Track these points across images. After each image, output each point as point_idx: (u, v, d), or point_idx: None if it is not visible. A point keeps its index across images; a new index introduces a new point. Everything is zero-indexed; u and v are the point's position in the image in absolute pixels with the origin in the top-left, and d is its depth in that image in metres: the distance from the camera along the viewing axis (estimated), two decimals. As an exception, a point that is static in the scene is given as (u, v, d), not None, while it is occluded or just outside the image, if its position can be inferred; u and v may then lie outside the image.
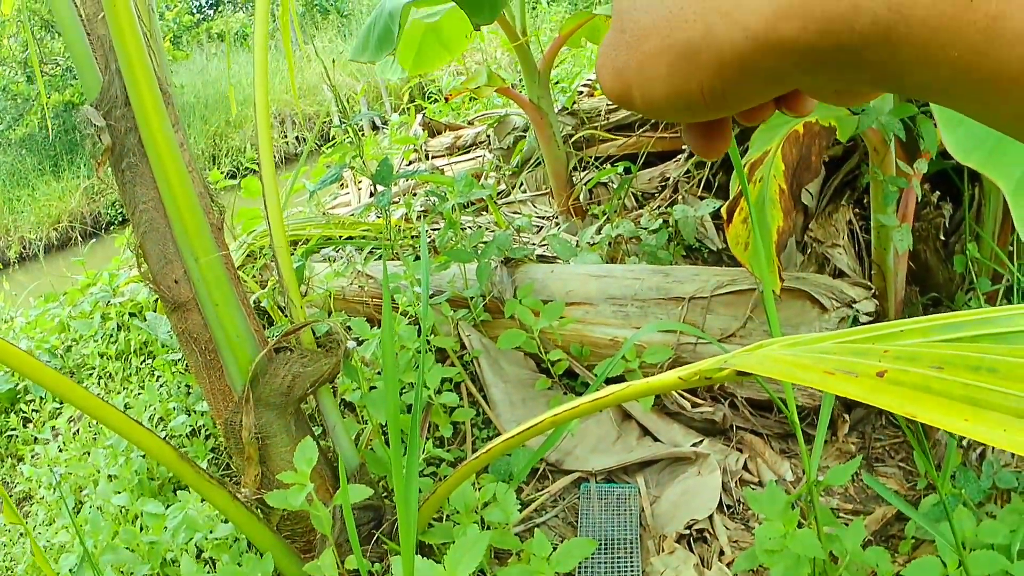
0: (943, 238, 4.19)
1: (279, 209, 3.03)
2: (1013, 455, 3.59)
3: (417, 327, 3.96)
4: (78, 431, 4.73)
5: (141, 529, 3.39)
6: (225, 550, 3.27)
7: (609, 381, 3.82)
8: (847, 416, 3.80)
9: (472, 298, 4.15)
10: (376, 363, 3.91)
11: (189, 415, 4.37)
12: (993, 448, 3.59)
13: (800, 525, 2.64)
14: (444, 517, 3.22)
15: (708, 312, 3.75)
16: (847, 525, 2.81)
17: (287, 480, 2.63)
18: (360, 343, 4.03)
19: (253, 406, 2.81)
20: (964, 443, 3.66)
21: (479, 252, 4.05)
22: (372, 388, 3.67)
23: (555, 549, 2.74)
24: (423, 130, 7.08)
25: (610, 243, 4.61)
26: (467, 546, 2.42)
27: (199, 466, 2.79)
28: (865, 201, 4.42)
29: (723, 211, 3.55)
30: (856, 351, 1.41)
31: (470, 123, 7.22)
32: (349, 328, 3.75)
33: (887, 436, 3.82)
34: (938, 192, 4.18)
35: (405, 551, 1.96)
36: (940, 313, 4.11)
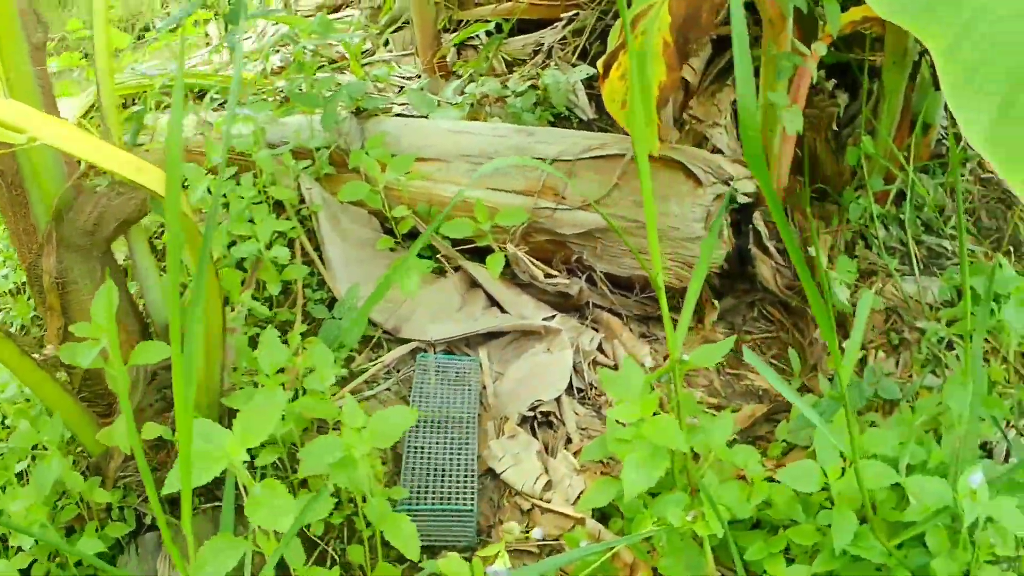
0: (836, 128, 3.93)
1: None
2: (897, 364, 3.38)
3: (253, 175, 3.58)
4: None
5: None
6: (26, 415, 2.88)
7: (456, 244, 3.51)
8: (716, 302, 3.53)
9: (317, 149, 3.77)
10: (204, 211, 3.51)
11: (16, 271, 3.89)
12: (876, 355, 3.36)
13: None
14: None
15: (572, 176, 3.42)
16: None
17: (82, 332, 2.30)
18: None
19: (55, 247, 2.50)
20: (844, 345, 3.43)
21: (329, 99, 3.67)
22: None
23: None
24: (295, -9, 6.63)
25: (473, 104, 4.26)
26: (259, 409, 2.14)
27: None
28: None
29: (599, 65, 3.22)
30: None
31: (343, -17, 6.79)
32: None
33: (759, 329, 3.57)
34: (834, 80, 3.90)
35: (179, 410, 1.60)
36: (823, 206, 3.91)
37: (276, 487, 2.05)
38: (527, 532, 2.59)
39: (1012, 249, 4.00)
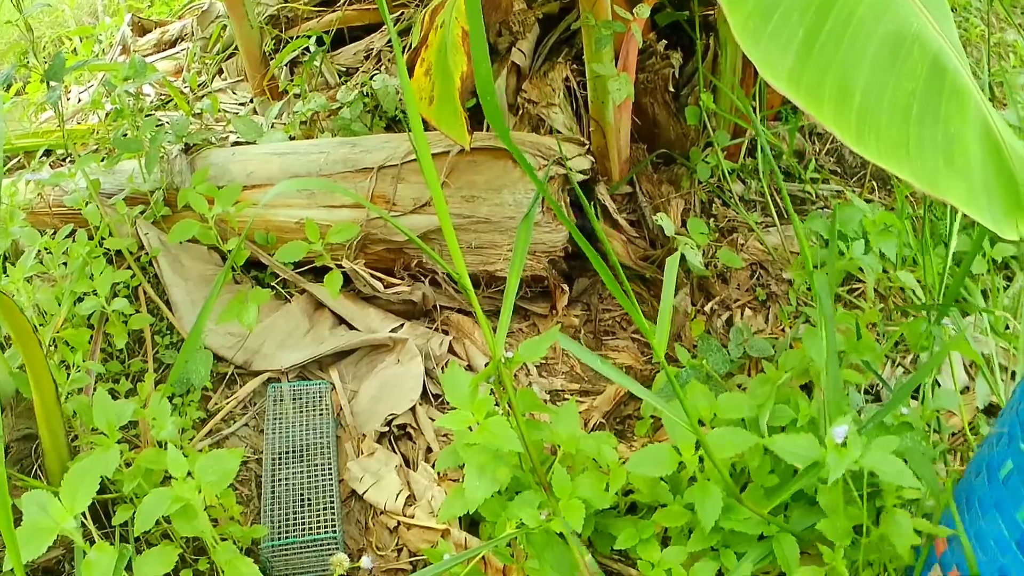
0: (673, 91, 3.88)
1: None
2: (767, 320, 3.34)
3: (88, 229, 3.49)
4: None
5: None
6: None
7: (298, 266, 3.43)
8: (567, 287, 3.47)
9: (151, 192, 3.67)
10: (50, 272, 3.41)
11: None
12: (743, 313, 3.32)
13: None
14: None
15: (400, 181, 3.36)
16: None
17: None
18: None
19: None
20: (707, 308, 3.39)
21: (152, 139, 3.58)
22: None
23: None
24: (131, 30, 6.49)
25: (304, 121, 4.18)
26: (83, 471, 2.13)
27: None
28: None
29: (404, 64, 3.16)
30: None
31: (180, 18, 6.65)
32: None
33: (617, 307, 3.50)
34: (664, 41, 3.85)
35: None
36: (671, 170, 3.86)
37: (106, 549, 2.06)
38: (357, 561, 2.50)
39: (876, 185, 3.99)
